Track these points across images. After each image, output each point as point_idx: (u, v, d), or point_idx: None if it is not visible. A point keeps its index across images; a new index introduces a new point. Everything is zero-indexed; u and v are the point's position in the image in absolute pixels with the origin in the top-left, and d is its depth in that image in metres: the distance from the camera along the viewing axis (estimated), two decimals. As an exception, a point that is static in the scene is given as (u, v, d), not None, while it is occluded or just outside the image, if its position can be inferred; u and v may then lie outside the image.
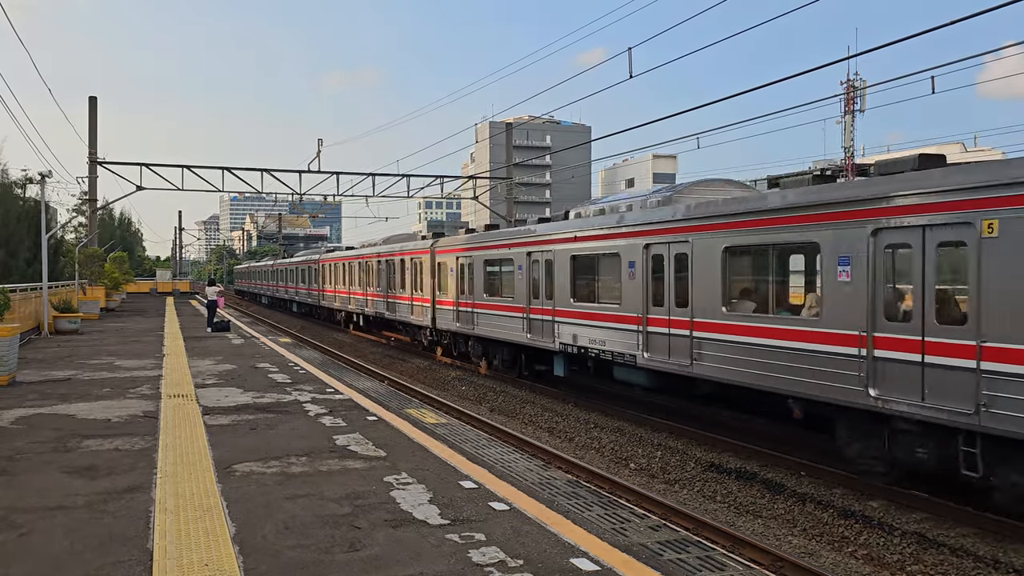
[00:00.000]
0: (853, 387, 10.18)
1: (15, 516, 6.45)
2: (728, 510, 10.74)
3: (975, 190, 8.93)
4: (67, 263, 36.43)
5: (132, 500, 6.90)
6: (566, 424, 16.01)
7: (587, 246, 16.69)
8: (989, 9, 11.02)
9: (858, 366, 10.13)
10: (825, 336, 10.68)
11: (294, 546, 5.74)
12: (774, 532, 9.86)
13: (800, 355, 11.04)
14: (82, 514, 6.51)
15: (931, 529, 9.50)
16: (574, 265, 17.26)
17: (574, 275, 17.31)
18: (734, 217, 12.43)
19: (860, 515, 10.05)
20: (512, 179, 46.44)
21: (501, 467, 8.72)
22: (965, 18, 11.34)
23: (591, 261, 16.73)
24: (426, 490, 7.27)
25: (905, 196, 9.67)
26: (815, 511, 10.35)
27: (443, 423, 11.41)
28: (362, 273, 34.42)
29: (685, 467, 12.60)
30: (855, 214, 10.30)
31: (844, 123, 76.06)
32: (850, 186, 11.04)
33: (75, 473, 7.84)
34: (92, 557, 5.51)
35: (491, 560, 5.48)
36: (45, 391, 13.21)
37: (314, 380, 14.95)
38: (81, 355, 19.02)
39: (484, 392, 20.03)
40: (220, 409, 11.49)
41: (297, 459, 8.43)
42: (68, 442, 9.25)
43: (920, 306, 9.51)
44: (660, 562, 5.83)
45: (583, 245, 16.85)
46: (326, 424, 10.47)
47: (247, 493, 7.11)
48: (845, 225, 10.42)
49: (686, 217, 13.69)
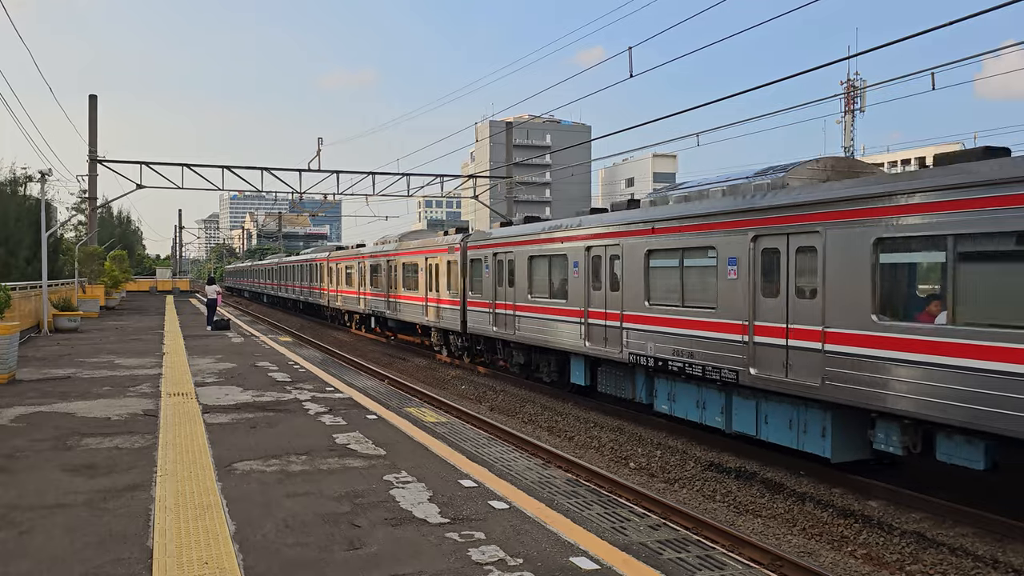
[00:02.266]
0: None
1: (15, 514, 6.45)
2: (728, 509, 10.74)
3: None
4: (67, 261, 36.43)
5: (132, 498, 6.90)
6: (566, 423, 16.01)
7: (668, 240, 13.84)
8: (990, 9, 11.02)
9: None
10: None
11: (294, 544, 5.74)
12: (774, 531, 9.86)
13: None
14: (82, 512, 6.52)
15: (930, 529, 9.50)
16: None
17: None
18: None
19: (859, 514, 10.06)
20: (512, 178, 46.45)
21: (501, 466, 8.72)
22: (965, 18, 11.34)
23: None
24: (426, 489, 7.27)
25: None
26: (814, 510, 10.35)
27: (443, 422, 11.41)
28: (374, 273, 32.64)
29: (685, 466, 12.60)
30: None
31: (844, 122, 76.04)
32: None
33: (75, 471, 7.84)
34: (92, 555, 5.51)
35: (491, 559, 5.48)
36: (45, 389, 13.21)
37: (314, 379, 14.96)
38: (81, 353, 19.02)
39: (484, 391, 20.03)
40: (220, 407, 11.49)
41: (297, 457, 8.44)
42: (68, 440, 9.26)
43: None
44: (660, 561, 5.83)
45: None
46: (326, 423, 10.47)
47: (247, 491, 7.12)
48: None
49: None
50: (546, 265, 18.39)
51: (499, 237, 21.16)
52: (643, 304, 14.50)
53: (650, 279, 14.41)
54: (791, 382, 11.01)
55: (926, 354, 9.19)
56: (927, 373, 9.16)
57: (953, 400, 8.88)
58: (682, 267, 13.65)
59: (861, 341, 10.05)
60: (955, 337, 8.88)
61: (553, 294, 17.94)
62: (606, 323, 15.70)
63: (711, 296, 12.76)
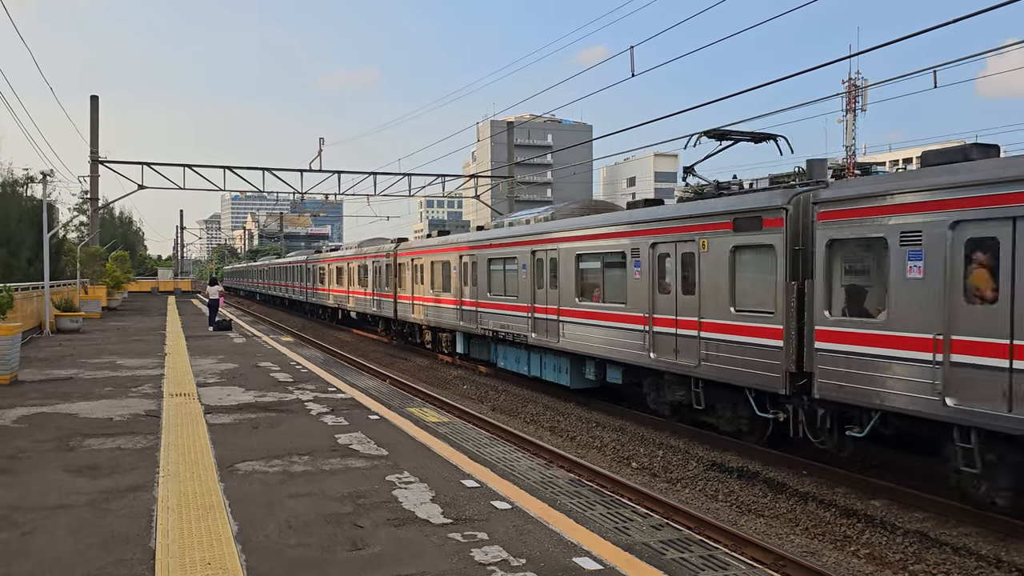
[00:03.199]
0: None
1: (17, 515, 6.45)
2: (730, 509, 10.73)
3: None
4: (69, 262, 36.46)
5: (134, 499, 6.90)
6: (568, 423, 16.00)
7: (498, 252, 19.98)
8: (991, 7, 10.99)
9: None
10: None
11: (296, 545, 5.74)
12: (776, 531, 9.85)
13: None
14: (84, 513, 6.52)
15: (933, 528, 9.49)
16: (490, 266, 20.57)
17: (490, 275, 20.34)
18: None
19: (862, 514, 10.04)
20: (513, 178, 46.42)
21: (503, 466, 8.72)
22: (966, 16, 11.32)
23: (500, 264, 20.25)
24: (428, 489, 7.27)
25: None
26: (817, 510, 10.34)
27: (445, 422, 11.41)
28: (338, 274, 38.09)
29: (687, 466, 12.59)
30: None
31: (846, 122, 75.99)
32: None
33: (77, 472, 7.84)
34: (95, 556, 5.51)
35: (494, 559, 5.48)
36: (47, 390, 13.22)
37: (316, 379, 14.96)
38: (83, 354, 19.03)
39: (486, 391, 20.02)
40: (222, 408, 11.50)
41: (299, 458, 8.43)
42: (70, 441, 9.26)
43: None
44: (663, 561, 5.83)
45: (496, 251, 19.87)
46: (328, 423, 10.47)
47: (249, 492, 7.11)
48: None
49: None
50: (441, 269, 24.93)
51: (416, 247, 27.86)
52: (487, 295, 21.23)
53: (491, 278, 21.15)
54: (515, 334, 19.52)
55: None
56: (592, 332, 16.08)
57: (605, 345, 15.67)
58: (505, 270, 20.45)
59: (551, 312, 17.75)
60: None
61: (443, 288, 24.62)
62: (477, 309, 22.02)
63: (514, 289, 19.69)
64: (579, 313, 16.71)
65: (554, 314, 17.59)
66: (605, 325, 15.68)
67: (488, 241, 21.37)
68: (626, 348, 14.95)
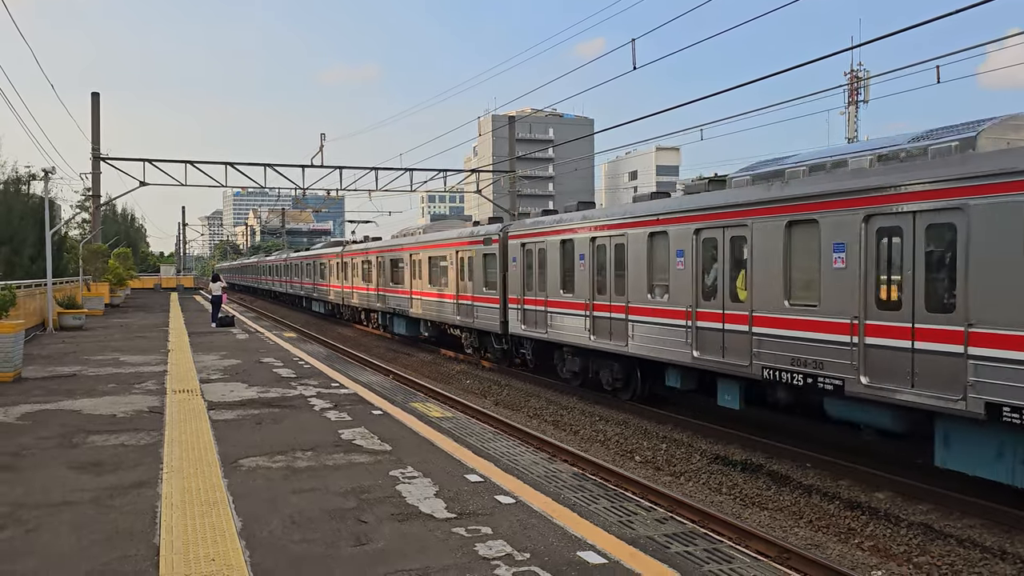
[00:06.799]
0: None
1: (22, 512, 6.45)
2: (734, 502, 10.73)
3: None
4: (71, 259, 36.54)
5: (138, 495, 6.90)
6: (571, 417, 16.01)
7: (431, 252, 27.31)
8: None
9: (584, 321, 16.89)
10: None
11: (300, 540, 5.74)
12: (780, 524, 9.84)
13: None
14: (88, 509, 6.52)
15: (938, 520, 9.48)
16: (431, 264, 26.59)
17: (432, 271, 26.80)
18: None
19: (866, 506, 10.03)
20: (515, 172, 46.34)
21: (507, 460, 8.72)
22: (967, 8, 11.25)
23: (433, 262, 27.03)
24: (432, 484, 7.27)
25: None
26: (821, 502, 10.33)
27: (448, 417, 11.41)
28: (322, 268, 42.32)
29: (691, 459, 12.58)
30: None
31: (848, 113, 75.81)
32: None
33: (81, 469, 7.84)
34: (99, 552, 5.51)
35: (498, 553, 5.47)
36: (50, 387, 13.23)
37: (319, 375, 14.96)
38: (86, 351, 19.05)
39: (489, 386, 20.03)
40: (225, 404, 11.50)
41: (303, 453, 8.43)
42: (74, 438, 9.27)
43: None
44: (667, 554, 5.82)
45: (430, 252, 27.06)
46: (331, 419, 10.47)
47: (253, 488, 7.12)
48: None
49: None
50: (398, 265, 29.55)
51: (374, 246, 33.26)
52: (426, 286, 26.07)
53: (432, 273, 25.65)
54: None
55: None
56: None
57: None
58: (434, 266, 25.45)
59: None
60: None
61: (397, 281, 29.51)
62: (423, 299, 26.64)
63: (432, 279, 25.77)
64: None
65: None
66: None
67: (420, 241, 27.65)
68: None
